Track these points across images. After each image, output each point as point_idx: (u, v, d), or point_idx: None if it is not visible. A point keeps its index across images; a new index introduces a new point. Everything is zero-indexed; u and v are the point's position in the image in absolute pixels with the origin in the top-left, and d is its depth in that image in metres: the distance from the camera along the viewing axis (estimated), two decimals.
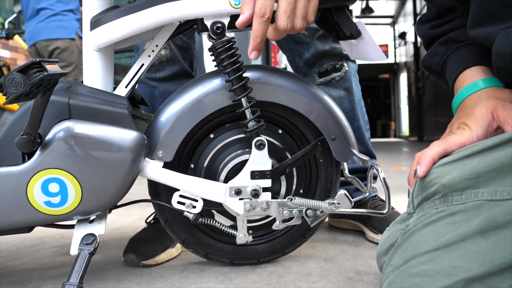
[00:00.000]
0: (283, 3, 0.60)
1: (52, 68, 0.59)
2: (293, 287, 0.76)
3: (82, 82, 0.76)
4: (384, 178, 0.75)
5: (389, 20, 13.02)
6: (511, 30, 0.47)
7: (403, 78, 13.07)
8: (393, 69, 14.20)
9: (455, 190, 0.43)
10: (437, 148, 0.48)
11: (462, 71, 0.55)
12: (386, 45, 12.42)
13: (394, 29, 13.08)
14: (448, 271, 0.39)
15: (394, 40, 13.17)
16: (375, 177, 1.14)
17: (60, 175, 0.67)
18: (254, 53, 0.63)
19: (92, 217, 0.75)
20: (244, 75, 0.74)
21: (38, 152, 0.67)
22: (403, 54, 12.47)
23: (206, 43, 0.79)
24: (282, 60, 3.29)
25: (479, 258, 0.38)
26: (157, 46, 0.76)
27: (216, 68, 0.78)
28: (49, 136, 0.67)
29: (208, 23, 0.71)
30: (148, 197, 0.83)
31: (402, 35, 11.53)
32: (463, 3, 0.59)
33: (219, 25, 0.70)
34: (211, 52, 0.74)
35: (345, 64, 1.09)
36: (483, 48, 0.55)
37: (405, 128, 13.48)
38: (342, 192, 0.79)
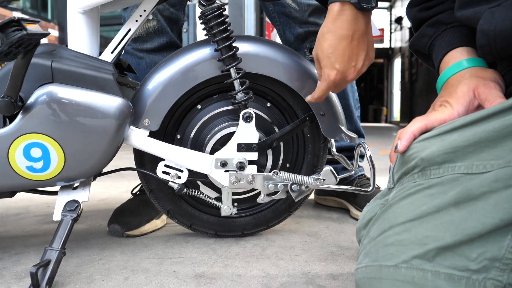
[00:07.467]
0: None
1: (33, 28, 0.57)
2: (276, 259, 0.77)
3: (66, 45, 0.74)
4: (370, 156, 0.76)
5: (387, 4, 12.84)
6: (496, 9, 0.47)
7: (397, 63, 13.03)
8: (388, 54, 14.13)
9: (433, 164, 0.44)
10: (418, 124, 0.49)
11: (448, 52, 0.56)
12: (382, 30, 12.29)
13: (390, 14, 12.92)
14: (422, 240, 0.40)
15: (390, 24, 13.04)
16: (362, 156, 1.15)
17: (42, 140, 0.66)
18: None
19: (76, 184, 0.74)
20: (234, 44, 0.73)
21: (19, 116, 0.66)
22: (398, 39, 12.38)
23: (198, 13, 0.77)
24: (276, 39, 3.25)
25: (452, 228, 0.39)
26: (144, 11, 0.74)
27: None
28: (31, 100, 0.66)
29: None
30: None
31: (399, 20, 11.40)
32: None
33: None
34: (201, 20, 0.72)
35: None
36: (470, 30, 0.55)
37: (396, 114, 13.56)
38: (327, 168, 0.79)
